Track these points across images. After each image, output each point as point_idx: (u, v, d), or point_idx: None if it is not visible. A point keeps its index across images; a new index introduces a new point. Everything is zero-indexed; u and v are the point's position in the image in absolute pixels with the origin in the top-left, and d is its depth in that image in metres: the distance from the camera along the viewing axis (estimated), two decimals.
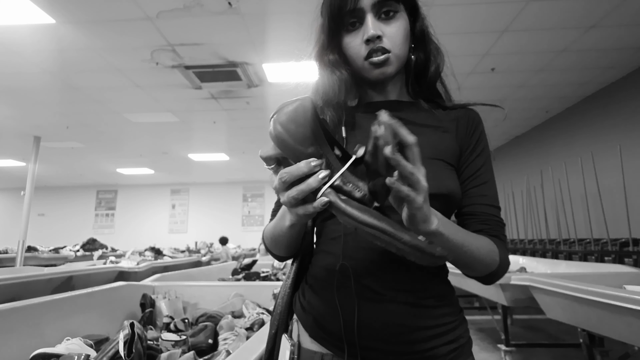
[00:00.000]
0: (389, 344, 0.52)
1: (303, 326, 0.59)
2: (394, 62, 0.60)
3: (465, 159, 0.62)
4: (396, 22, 0.59)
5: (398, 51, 0.59)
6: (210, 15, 2.87)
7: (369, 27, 0.57)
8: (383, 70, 0.59)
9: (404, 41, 0.60)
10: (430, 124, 0.63)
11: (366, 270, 0.54)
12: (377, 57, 0.58)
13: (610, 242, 3.61)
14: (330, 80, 0.62)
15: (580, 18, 2.93)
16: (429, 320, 0.54)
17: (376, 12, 0.58)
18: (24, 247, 5.46)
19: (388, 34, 0.58)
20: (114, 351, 0.93)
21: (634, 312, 1.37)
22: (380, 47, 0.58)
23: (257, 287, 1.80)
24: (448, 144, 0.62)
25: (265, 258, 3.74)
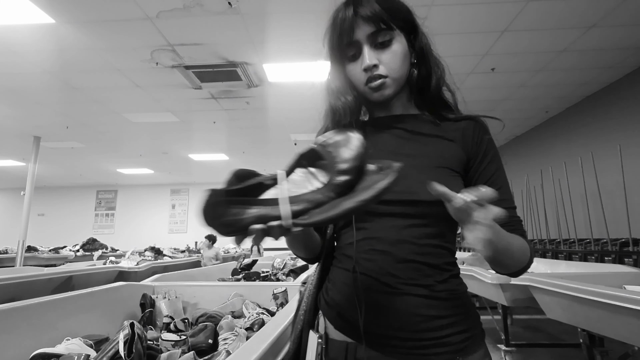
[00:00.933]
0: (405, 332, 0.58)
1: (328, 319, 0.65)
2: (391, 85, 0.65)
3: (477, 167, 0.66)
4: (391, 49, 0.64)
5: (395, 75, 0.65)
6: (210, 15, 2.87)
7: (365, 58, 0.64)
8: (381, 93, 0.65)
9: (401, 64, 0.65)
10: (436, 134, 0.67)
11: (381, 269, 0.60)
12: (375, 82, 0.64)
13: (610, 242, 3.61)
14: (335, 105, 0.69)
15: (580, 18, 2.93)
16: (442, 310, 0.59)
17: (371, 43, 0.64)
18: (24, 247, 5.46)
19: (384, 61, 0.64)
20: (114, 351, 0.93)
21: (634, 312, 1.37)
22: (377, 75, 0.64)
23: (257, 287, 1.80)
24: (453, 153, 0.65)
25: (265, 258, 3.74)
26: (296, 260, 2.74)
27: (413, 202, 0.60)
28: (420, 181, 0.59)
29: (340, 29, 0.64)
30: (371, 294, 0.60)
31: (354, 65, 0.66)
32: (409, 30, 0.67)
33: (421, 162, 0.64)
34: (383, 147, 0.67)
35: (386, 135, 0.69)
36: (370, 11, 0.62)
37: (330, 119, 0.71)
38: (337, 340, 0.63)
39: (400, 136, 0.68)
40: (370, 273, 0.61)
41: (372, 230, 0.63)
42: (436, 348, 0.58)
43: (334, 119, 0.70)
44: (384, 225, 0.62)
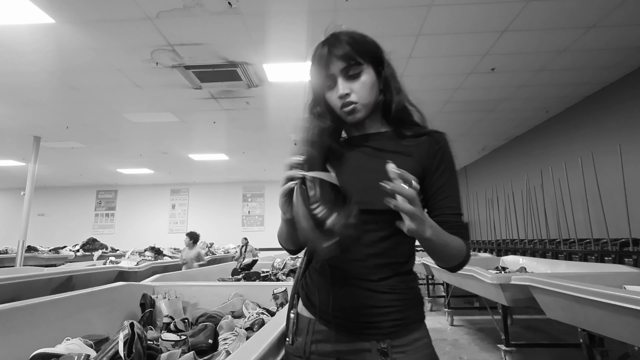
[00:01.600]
0: (347, 314, 0.75)
1: (301, 299, 0.83)
2: (361, 109, 0.79)
3: (430, 177, 0.79)
4: (360, 80, 0.78)
5: (364, 101, 0.79)
6: (210, 15, 2.87)
7: (339, 88, 0.78)
8: (353, 116, 0.80)
9: (370, 91, 0.79)
10: (396, 150, 0.80)
11: (342, 264, 0.77)
12: (348, 107, 0.79)
13: (610, 242, 3.61)
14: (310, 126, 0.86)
15: (580, 18, 2.93)
16: (378, 302, 0.74)
17: (344, 75, 0.78)
18: (24, 247, 5.46)
19: (355, 90, 0.78)
20: (114, 351, 0.93)
21: (634, 312, 1.37)
22: (349, 102, 0.78)
23: (257, 287, 1.80)
24: (409, 166, 0.76)
25: (265, 258, 3.74)
26: (296, 260, 2.74)
27: (368, 211, 0.74)
28: (376, 193, 0.72)
29: (318, 65, 0.79)
30: (328, 282, 0.77)
31: (332, 93, 0.80)
32: (377, 63, 0.82)
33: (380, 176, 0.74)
34: (352, 163, 0.82)
35: (356, 153, 0.83)
36: (342, 51, 0.77)
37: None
38: (305, 316, 0.80)
39: (367, 153, 0.82)
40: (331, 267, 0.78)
41: None
42: (369, 329, 0.74)
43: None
44: None
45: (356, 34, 0.81)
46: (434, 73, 3.86)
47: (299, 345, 0.78)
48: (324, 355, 0.76)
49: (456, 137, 6.19)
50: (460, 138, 6.25)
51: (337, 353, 0.75)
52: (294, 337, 0.80)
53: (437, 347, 3.33)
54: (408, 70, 3.78)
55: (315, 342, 0.77)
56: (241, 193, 10.16)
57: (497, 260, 3.78)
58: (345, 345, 0.75)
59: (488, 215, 6.81)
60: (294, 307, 0.84)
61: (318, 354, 0.76)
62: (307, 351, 0.77)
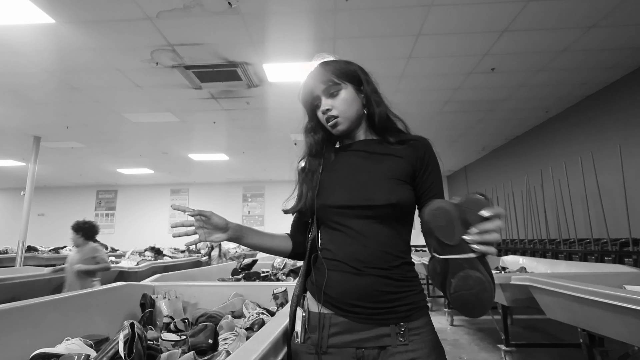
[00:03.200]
0: (366, 302, 0.80)
1: (311, 295, 0.87)
2: (343, 122, 0.90)
3: (420, 177, 0.88)
4: (340, 97, 0.90)
5: (345, 115, 0.90)
6: (210, 15, 2.87)
7: (322, 104, 0.91)
8: (337, 129, 0.91)
9: (350, 106, 0.90)
10: (389, 152, 0.90)
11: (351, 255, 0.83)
12: (330, 122, 0.91)
13: (610, 242, 3.61)
14: (308, 140, 0.98)
15: (580, 18, 2.93)
16: (393, 287, 0.81)
17: (327, 94, 0.91)
18: (24, 247, 5.46)
19: (335, 105, 0.90)
20: (114, 351, 0.93)
21: (634, 312, 1.37)
22: (330, 116, 0.90)
23: (257, 287, 1.80)
24: (402, 166, 0.88)
25: (265, 258, 3.73)
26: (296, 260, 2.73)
27: (370, 206, 0.83)
28: (375, 190, 0.84)
29: (305, 90, 0.93)
30: (343, 274, 0.82)
31: (319, 110, 0.92)
32: (357, 82, 0.92)
33: (376, 175, 0.87)
34: (349, 165, 0.92)
35: (350, 156, 0.93)
36: (323, 77, 0.90)
37: (306, 150, 0.98)
38: (314, 312, 0.84)
39: (362, 156, 0.92)
40: (343, 259, 0.83)
41: (345, 227, 0.85)
42: (387, 314, 0.79)
43: (309, 150, 0.97)
44: (353, 223, 0.84)
45: (339, 62, 0.93)
46: (434, 73, 3.86)
47: (314, 342, 0.81)
48: (342, 347, 0.79)
49: (456, 137, 6.19)
50: (460, 138, 6.25)
51: (357, 342, 0.79)
52: (306, 335, 0.83)
53: None
54: (408, 70, 3.78)
55: (333, 335, 0.80)
56: (241, 193, 10.16)
57: (497, 260, 3.78)
58: (365, 333, 0.79)
59: None
60: (300, 306, 0.87)
61: (336, 346, 0.79)
62: (324, 345, 0.80)
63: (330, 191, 0.89)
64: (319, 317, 0.82)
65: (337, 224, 0.86)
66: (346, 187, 0.88)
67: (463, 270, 0.67)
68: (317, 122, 0.96)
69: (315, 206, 0.89)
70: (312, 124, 0.97)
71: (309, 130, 0.98)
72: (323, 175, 0.93)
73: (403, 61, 3.59)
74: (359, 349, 0.79)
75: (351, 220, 0.84)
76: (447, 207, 0.68)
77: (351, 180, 0.88)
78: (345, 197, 0.86)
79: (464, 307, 0.70)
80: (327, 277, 0.84)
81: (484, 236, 0.66)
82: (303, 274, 0.92)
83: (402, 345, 0.78)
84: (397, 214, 0.83)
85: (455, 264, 0.67)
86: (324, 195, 0.89)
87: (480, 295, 0.67)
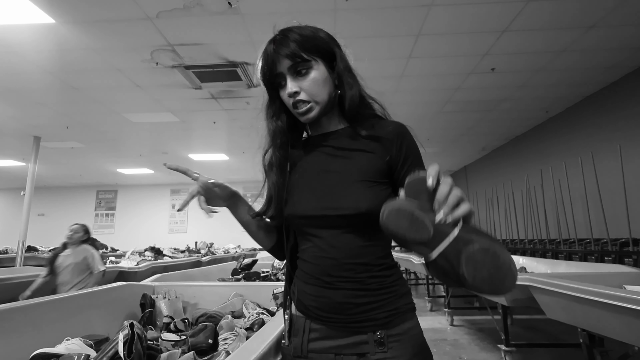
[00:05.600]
0: (341, 315, 0.74)
1: (294, 303, 0.82)
2: (315, 108, 0.76)
3: (399, 171, 0.76)
4: (310, 76, 0.75)
5: (317, 98, 0.76)
6: (210, 15, 2.87)
7: (288, 87, 0.76)
8: (307, 117, 0.77)
9: (321, 88, 0.76)
10: (358, 147, 0.78)
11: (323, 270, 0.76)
12: (301, 108, 0.76)
13: (610, 242, 3.61)
14: (270, 127, 0.85)
15: (580, 18, 2.93)
16: (371, 297, 0.74)
17: (293, 73, 0.75)
18: (24, 247, 5.46)
19: (305, 88, 0.75)
20: (114, 351, 0.93)
21: (634, 312, 1.37)
22: (300, 100, 0.75)
23: (257, 287, 1.80)
24: (373, 164, 0.76)
25: (265, 258, 3.74)
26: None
27: (338, 216, 0.74)
28: (343, 196, 0.74)
29: (265, 63, 0.78)
30: (316, 288, 0.76)
31: (283, 92, 0.78)
32: (329, 58, 0.78)
33: (344, 177, 0.76)
34: (314, 166, 0.81)
35: (317, 154, 0.81)
36: (287, 49, 0.74)
37: (268, 139, 0.85)
38: (299, 316, 0.80)
39: (329, 153, 0.80)
40: (316, 274, 0.77)
41: (317, 239, 0.77)
42: (364, 322, 0.74)
43: (272, 139, 0.84)
44: (323, 234, 0.76)
45: (306, 29, 0.77)
46: (434, 73, 3.86)
47: (296, 345, 0.78)
48: (322, 352, 0.76)
49: (456, 137, 6.19)
50: (460, 138, 6.25)
51: (335, 348, 0.76)
52: (290, 338, 0.80)
53: (437, 347, 3.33)
54: (408, 70, 3.78)
55: (313, 340, 0.77)
56: (241, 193, 10.11)
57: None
58: (343, 340, 0.75)
59: (488, 215, 6.81)
60: (287, 309, 0.84)
61: (316, 352, 0.77)
62: (304, 350, 0.77)
63: (297, 198, 0.79)
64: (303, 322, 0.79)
65: (308, 234, 0.79)
66: (313, 193, 0.78)
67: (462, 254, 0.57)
68: (280, 104, 0.82)
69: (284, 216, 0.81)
70: (275, 107, 0.83)
71: (271, 114, 0.84)
72: (290, 176, 0.83)
73: (403, 61, 3.59)
74: (338, 355, 0.75)
75: (321, 231, 0.77)
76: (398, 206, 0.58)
77: (318, 184, 0.78)
78: (312, 206, 0.76)
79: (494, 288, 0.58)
80: (303, 288, 0.80)
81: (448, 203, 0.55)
82: (286, 280, 0.88)
83: (380, 353, 0.73)
84: (371, 221, 0.69)
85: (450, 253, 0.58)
86: (291, 203, 0.80)
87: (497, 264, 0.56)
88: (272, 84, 0.80)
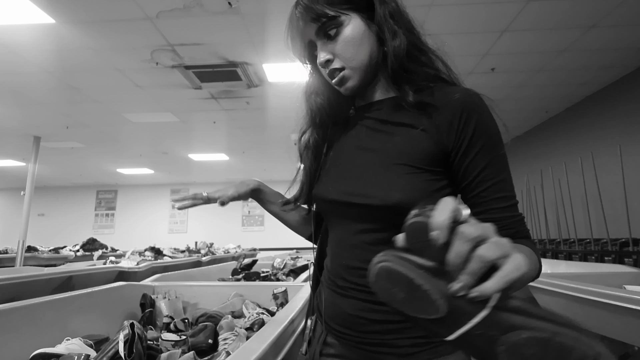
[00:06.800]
0: (353, 330, 0.60)
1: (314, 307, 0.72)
2: (352, 75, 0.61)
3: (461, 159, 0.56)
4: (341, 37, 0.60)
5: (352, 64, 0.61)
6: (210, 15, 2.86)
7: (319, 55, 0.62)
8: (345, 88, 0.63)
9: (356, 49, 0.60)
10: (405, 122, 0.60)
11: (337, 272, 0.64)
12: (335, 78, 0.62)
13: (610, 242, 3.61)
14: (309, 106, 0.71)
15: (580, 18, 2.93)
16: (389, 315, 0.57)
17: (322, 36, 0.61)
18: (24, 247, 5.46)
19: (337, 52, 0.60)
20: (114, 351, 0.93)
21: (633, 312, 1.37)
22: (333, 69, 0.61)
23: (257, 287, 1.80)
24: (422, 144, 0.57)
25: (265, 258, 3.74)
26: (296, 260, 2.74)
27: (363, 205, 0.58)
28: (372, 182, 0.58)
29: (291, 35, 0.64)
30: (331, 293, 0.64)
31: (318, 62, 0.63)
32: (366, 7, 0.61)
33: (381, 158, 0.59)
34: (351, 142, 0.65)
35: (359, 127, 0.66)
36: (310, 12, 0.59)
37: (307, 119, 0.72)
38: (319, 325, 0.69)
39: (371, 127, 0.64)
40: (332, 275, 0.65)
41: (335, 233, 0.65)
42: (381, 347, 0.58)
43: (311, 119, 0.71)
44: (343, 228, 0.63)
45: None
46: None
47: (310, 356, 0.69)
48: None
49: None
50: None
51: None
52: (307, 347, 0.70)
53: None
54: None
55: (326, 356, 0.66)
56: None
57: None
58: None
59: None
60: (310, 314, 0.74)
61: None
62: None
63: (326, 179, 0.66)
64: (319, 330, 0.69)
65: (332, 224, 0.66)
66: (342, 174, 0.63)
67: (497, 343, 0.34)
68: (319, 77, 0.69)
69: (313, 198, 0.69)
70: (313, 82, 0.70)
71: (309, 91, 0.71)
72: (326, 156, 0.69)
73: None
74: None
75: (343, 222, 0.62)
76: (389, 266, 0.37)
77: (351, 165, 0.63)
78: (338, 190, 0.62)
79: None
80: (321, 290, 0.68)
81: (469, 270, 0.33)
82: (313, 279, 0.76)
83: None
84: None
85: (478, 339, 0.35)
86: (319, 184, 0.67)
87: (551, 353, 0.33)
88: (309, 55, 0.66)
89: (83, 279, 3.36)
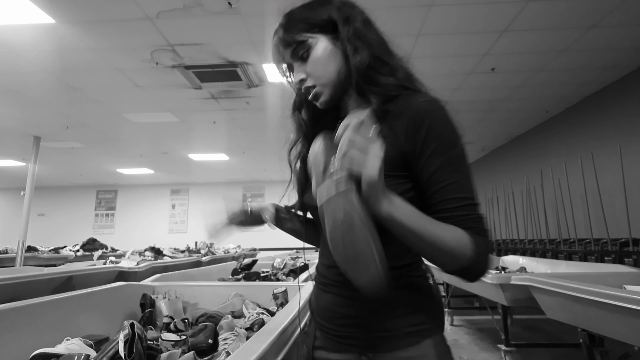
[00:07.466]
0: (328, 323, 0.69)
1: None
2: (323, 90, 0.67)
3: (416, 163, 0.60)
4: (311, 58, 0.66)
5: (321, 81, 0.67)
6: (210, 15, 2.87)
7: (294, 76, 0.70)
8: (320, 102, 0.69)
9: (325, 66, 0.66)
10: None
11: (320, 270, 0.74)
12: (310, 95, 0.69)
13: (610, 242, 3.61)
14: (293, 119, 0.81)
15: (580, 18, 2.93)
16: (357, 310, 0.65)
17: (297, 59, 0.68)
18: (24, 247, 5.46)
19: (309, 72, 0.67)
20: (114, 351, 0.93)
21: (633, 312, 1.37)
22: (307, 87, 0.68)
23: (257, 287, 1.80)
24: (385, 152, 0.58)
25: (265, 258, 3.74)
26: (296, 260, 2.74)
27: None
28: None
29: (275, 58, 0.73)
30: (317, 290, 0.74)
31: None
32: (332, 29, 0.67)
33: None
34: None
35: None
36: (286, 36, 0.67)
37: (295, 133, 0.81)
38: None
39: None
40: (318, 273, 0.74)
41: (323, 235, 0.70)
42: (349, 339, 0.66)
43: (296, 133, 0.80)
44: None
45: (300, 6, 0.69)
46: (434, 73, 3.86)
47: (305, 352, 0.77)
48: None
49: None
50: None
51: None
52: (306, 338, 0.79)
53: None
54: None
55: (316, 348, 0.74)
56: (241, 193, 10.15)
57: (497, 260, 3.78)
58: (334, 354, 0.69)
59: (488, 215, 6.81)
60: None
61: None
62: (309, 357, 0.75)
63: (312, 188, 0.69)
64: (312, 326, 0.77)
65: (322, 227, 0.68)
66: None
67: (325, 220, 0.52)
68: (303, 94, 0.75)
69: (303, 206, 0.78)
70: (298, 98, 0.79)
71: (294, 106, 0.80)
72: None
73: None
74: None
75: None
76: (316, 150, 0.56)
77: None
78: None
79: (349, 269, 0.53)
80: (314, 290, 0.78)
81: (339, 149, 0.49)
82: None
83: None
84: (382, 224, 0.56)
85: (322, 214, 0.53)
86: (308, 193, 0.74)
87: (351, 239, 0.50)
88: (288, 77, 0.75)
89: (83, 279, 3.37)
